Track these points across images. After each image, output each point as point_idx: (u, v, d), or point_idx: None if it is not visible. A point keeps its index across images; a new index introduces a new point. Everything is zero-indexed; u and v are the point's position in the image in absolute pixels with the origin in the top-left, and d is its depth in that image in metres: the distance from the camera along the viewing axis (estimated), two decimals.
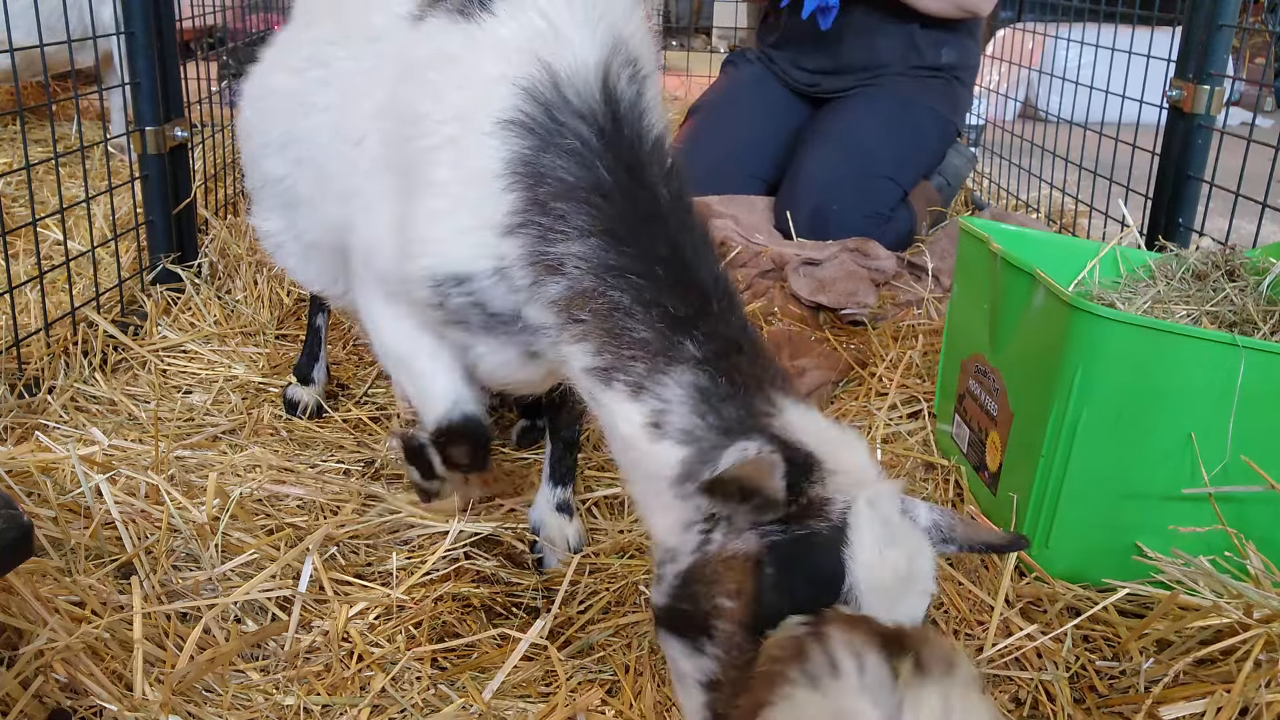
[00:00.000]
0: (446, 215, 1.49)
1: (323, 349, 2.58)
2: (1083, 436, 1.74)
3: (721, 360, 1.34)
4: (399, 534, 2.04)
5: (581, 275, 1.40)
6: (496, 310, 1.52)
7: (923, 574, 1.22)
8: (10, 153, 4.43)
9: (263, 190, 2.04)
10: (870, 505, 1.21)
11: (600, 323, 1.39)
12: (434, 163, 1.50)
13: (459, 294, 1.52)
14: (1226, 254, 2.09)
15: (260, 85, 2.04)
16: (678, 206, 1.45)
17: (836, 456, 1.26)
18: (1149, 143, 2.92)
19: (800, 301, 2.92)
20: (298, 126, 1.85)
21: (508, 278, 1.47)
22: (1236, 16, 2.66)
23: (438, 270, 1.51)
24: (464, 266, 1.49)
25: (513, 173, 1.42)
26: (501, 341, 1.57)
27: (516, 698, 1.59)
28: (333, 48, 1.80)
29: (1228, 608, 1.59)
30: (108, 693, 1.51)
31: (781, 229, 3.35)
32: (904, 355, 2.61)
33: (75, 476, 1.94)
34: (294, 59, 1.91)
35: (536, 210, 1.42)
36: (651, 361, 1.35)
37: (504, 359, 1.60)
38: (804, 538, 1.21)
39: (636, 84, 1.47)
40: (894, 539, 1.20)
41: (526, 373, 1.61)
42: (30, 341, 2.54)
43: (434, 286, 1.53)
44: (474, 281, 1.49)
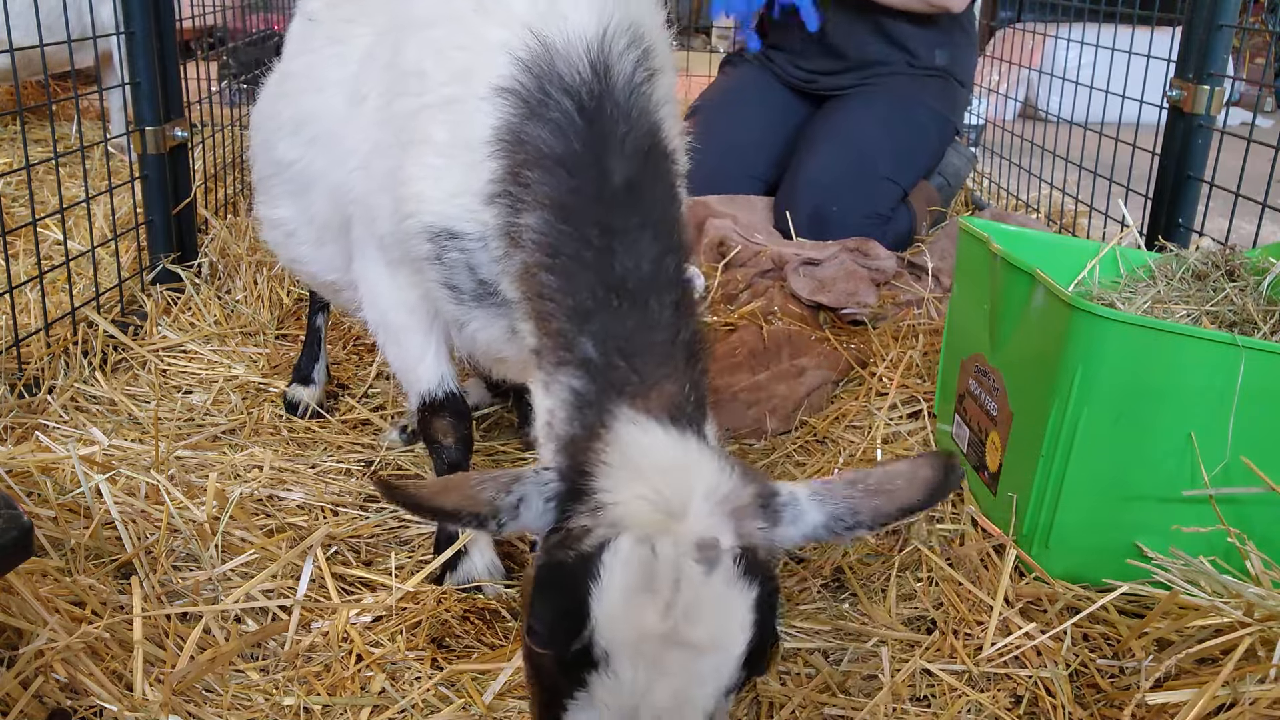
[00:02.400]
0: (443, 174, 1.53)
1: (323, 349, 2.58)
2: (1083, 436, 1.74)
3: (602, 363, 1.31)
4: (399, 534, 2.04)
5: (531, 249, 1.41)
6: (485, 277, 1.55)
7: (700, 636, 1.08)
8: (10, 153, 4.42)
9: (272, 179, 2.05)
10: (636, 544, 1.09)
11: (533, 305, 1.41)
12: (434, 121, 1.54)
13: (454, 249, 1.55)
14: (1226, 254, 2.09)
15: (278, 73, 2.08)
16: (637, 190, 1.39)
17: (634, 488, 1.15)
18: (1149, 143, 2.92)
19: (800, 301, 2.92)
20: (310, 103, 1.87)
21: (489, 247, 1.50)
22: (1236, 16, 2.66)
23: (434, 225, 1.55)
24: (456, 225, 1.53)
25: (499, 140, 1.45)
26: (491, 314, 1.59)
27: (517, 698, 1.59)
28: (350, 25, 1.83)
29: (1225, 607, 1.59)
30: (108, 693, 1.51)
31: (781, 229, 3.35)
32: (904, 355, 2.61)
33: (75, 476, 1.94)
34: (310, 42, 1.94)
35: (511, 180, 1.44)
36: (557, 356, 1.36)
37: (495, 333, 1.62)
38: (549, 566, 1.17)
39: (646, 71, 1.48)
40: (651, 587, 1.08)
41: (515, 349, 1.62)
42: (30, 341, 2.54)
43: (432, 239, 1.56)
44: (464, 240, 1.53)
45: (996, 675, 1.64)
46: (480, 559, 1.88)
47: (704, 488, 1.16)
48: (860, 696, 1.60)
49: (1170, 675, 1.57)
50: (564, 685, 1.14)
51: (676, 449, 1.22)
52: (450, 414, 1.83)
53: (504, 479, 1.20)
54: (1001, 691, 1.61)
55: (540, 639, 1.14)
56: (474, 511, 1.17)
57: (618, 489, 1.16)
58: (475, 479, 1.19)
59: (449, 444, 1.84)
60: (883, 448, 2.26)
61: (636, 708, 1.09)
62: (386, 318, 1.80)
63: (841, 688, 1.62)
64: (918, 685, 1.63)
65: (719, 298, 3.10)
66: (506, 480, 1.20)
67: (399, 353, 1.83)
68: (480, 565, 1.87)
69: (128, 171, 3.42)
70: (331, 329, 2.93)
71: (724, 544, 1.12)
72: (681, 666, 1.09)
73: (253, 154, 2.20)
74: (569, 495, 1.19)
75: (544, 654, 1.15)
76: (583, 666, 1.11)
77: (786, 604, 1.83)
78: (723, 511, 1.15)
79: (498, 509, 1.18)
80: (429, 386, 1.81)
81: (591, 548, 1.12)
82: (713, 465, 1.19)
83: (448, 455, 1.86)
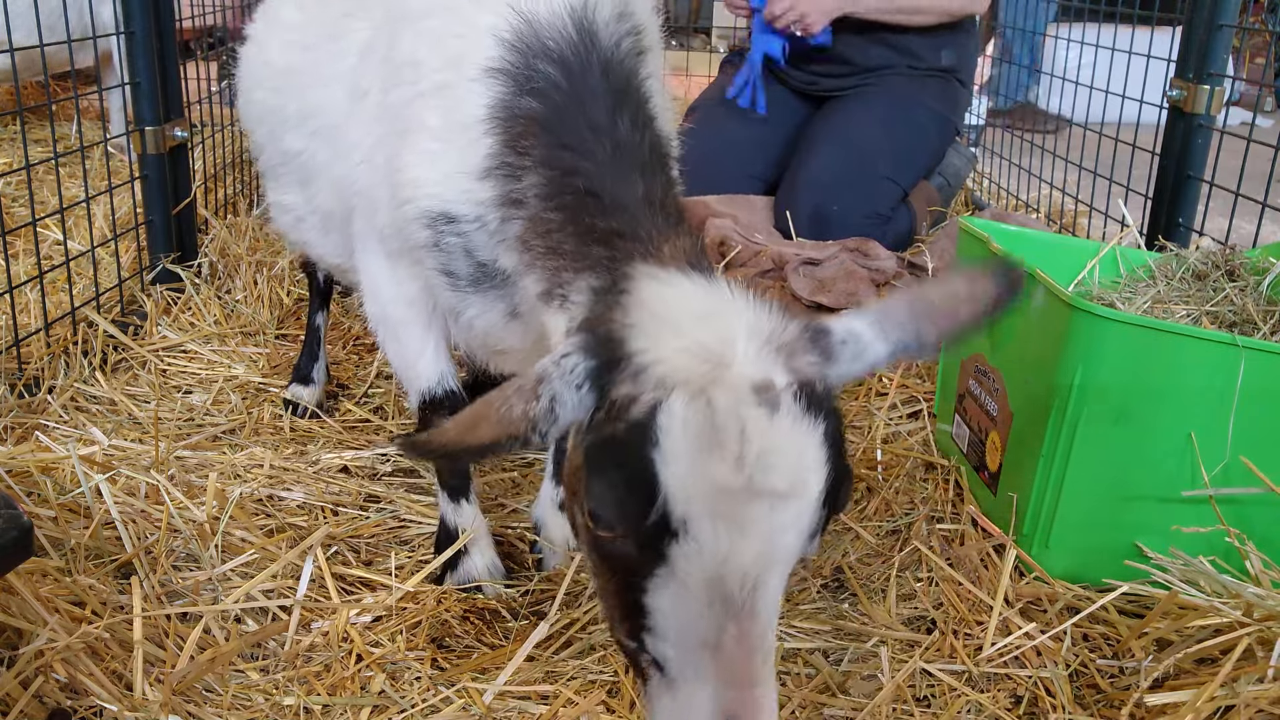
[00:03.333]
0: (438, 158, 1.54)
1: (322, 349, 2.58)
2: (1083, 436, 1.74)
3: (612, 255, 1.32)
4: (399, 534, 2.04)
5: (537, 205, 1.43)
6: (483, 259, 1.56)
7: (778, 483, 1.03)
8: (10, 153, 4.42)
9: (281, 167, 2.09)
10: (690, 400, 1.05)
11: (543, 245, 1.42)
12: (428, 107, 1.56)
13: (451, 233, 1.56)
14: (1226, 254, 2.09)
15: (267, 65, 2.08)
16: (629, 131, 1.42)
17: (672, 342, 1.10)
18: (1149, 143, 2.92)
19: (800, 301, 2.92)
20: (315, 98, 1.89)
21: (485, 224, 1.51)
22: (1236, 16, 2.66)
23: (431, 209, 1.56)
24: (452, 208, 1.54)
25: (492, 118, 1.47)
26: (489, 299, 1.60)
27: (517, 698, 1.59)
28: (349, 19, 1.85)
29: (1224, 608, 1.59)
30: (108, 693, 1.51)
31: (781, 229, 3.35)
32: None
33: (75, 476, 1.94)
34: (306, 36, 1.96)
35: (509, 152, 1.46)
36: (573, 270, 1.36)
37: (493, 318, 1.63)
38: (601, 444, 1.10)
39: (634, 43, 1.51)
40: (717, 441, 1.03)
41: (514, 335, 1.63)
42: (30, 341, 2.54)
43: (429, 225, 1.57)
44: (461, 224, 1.54)
45: (996, 675, 1.64)
46: (480, 558, 1.88)
47: (746, 328, 1.10)
48: (860, 696, 1.60)
49: (1170, 675, 1.58)
50: (641, 565, 1.09)
51: (707, 295, 1.16)
52: (450, 412, 1.82)
53: (527, 385, 1.12)
54: (1001, 691, 1.61)
55: (608, 521, 1.09)
56: (511, 434, 1.10)
57: (655, 347, 1.10)
58: (497, 400, 1.12)
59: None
60: (883, 448, 2.26)
61: (722, 573, 1.05)
62: (386, 311, 1.80)
63: (841, 688, 1.62)
64: (918, 685, 1.63)
65: None
66: (530, 385, 1.12)
67: (398, 348, 1.83)
68: (480, 565, 1.88)
69: (128, 171, 3.42)
70: (331, 329, 2.93)
71: (780, 383, 1.07)
72: (763, 519, 1.04)
73: (258, 145, 2.23)
74: (602, 370, 1.12)
75: (614, 538, 1.09)
76: (659, 541, 1.05)
77: (786, 604, 1.83)
78: (771, 350, 1.10)
79: (534, 419, 1.10)
80: (428, 384, 1.81)
81: (643, 414, 1.06)
82: (749, 305, 1.14)
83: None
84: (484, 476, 2.26)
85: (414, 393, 1.85)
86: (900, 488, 2.13)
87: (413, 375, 1.83)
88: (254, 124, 2.20)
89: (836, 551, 1.95)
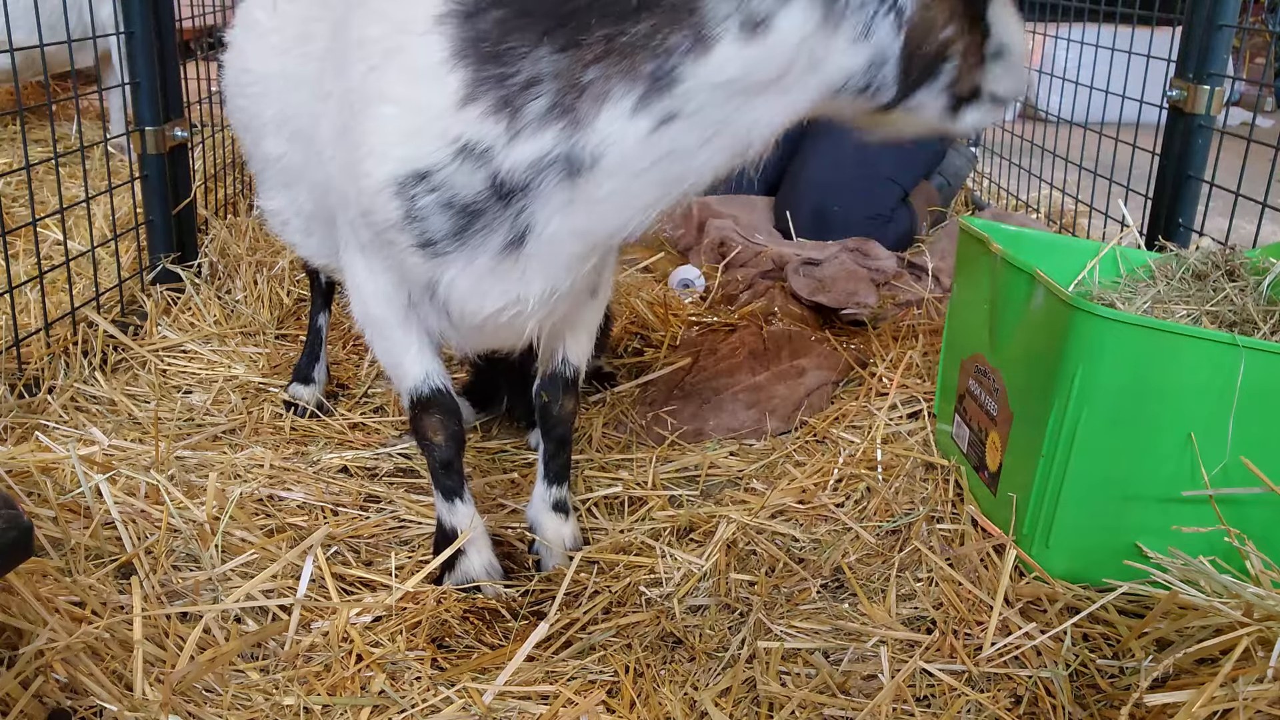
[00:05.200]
0: (394, 119, 1.52)
1: (323, 349, 2.58)
2: (1083, 436, 1.74)
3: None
4: (399, 534, 2.04)
5: (557, 65, 1.41)
6: (469, 199, 1.51)
7: None
8: (10, 153, 4.42)
9: (265, 171, 2.11)
10: None
11: (610, 66, 1.39)
12: (379, 79, 1.53)
13: (426, 193, 1.52)
14: (1226, 254, 2.09)
15: (248, 71, 2.09)
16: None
17: None
18: (1149, 143, 2.92)
19: (800, 301, 2.92)
20: (288, 103, 1.91)
21: (471, 152, 1.47)
22: (1236, 16, 2.65)
23: (398, 173, 1.52)
24: (421, 162, 1.50)
25: (458, 54, 1.45)
26: (476, 244, 1.55)
27: (517, 698, 1.59)
28: (315, 24, 1.85)
29: (1224, 608, 1.59)
30: (108, 693, 1.51)
31: (781, 229, 3.35)
32: (904, 355, 2.61)
33: (75, 476, 1.94)
34: (282, 39, 1.96)
35: (490, 65, 1.44)
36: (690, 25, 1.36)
37: (479, 270, 1.57)
38: None
39: None
40: None
41: (504, 286, 1.59)
42: (30, 341, 2.54)
43: (399, 194, 1.53)
44: (436, 174, 1.50)
45: (996, 675, 1.64)
46: (478, 559, 1.88)
47: None
48: (860, 696, 1.60)
49: (1170, 675, 1.58)
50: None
51: None
52: (439, 411, 1.83)
53: None
54: (1001, 691, 1.61)
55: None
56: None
57: None
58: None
59: (439, 442, 1.84)
60: (883, 448, 2.26)
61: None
62: (368, 309, 1.79)
63: (841, 688, 1.62)
64: (918, 685, 1.63)
65: (719, 298, 3.10)
66: None
67: (385, 347, 1.83)
68: (478, 565, 1.88)
69: (128, 171, 3.43)
70: (331, 329, 2.93)
71: None
72: None
73: (245, 151, 2.26)
74: None
75: None
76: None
77: (786, 604, 1.83)
78: None
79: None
80: (415, 382, 1.81)
81: None
82: None
83: (439, 454, 1.85)
84: (483, 477, 2.26)
85: (404, 393, 1.85)
86: (900, 488, 2.13)
87: (400, 374, 1.83)
88: (240, 131, 2.22)
89: (836, 551, 1.96)
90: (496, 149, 1.46)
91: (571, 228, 1.51)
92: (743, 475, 2.27)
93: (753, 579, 1.89)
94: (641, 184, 1.46)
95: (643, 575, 1.90)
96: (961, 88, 1.55)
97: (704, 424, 2.44)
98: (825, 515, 2.09)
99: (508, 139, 1.46)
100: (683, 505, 2.16)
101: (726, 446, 2.39)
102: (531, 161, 1.46)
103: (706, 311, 3.02)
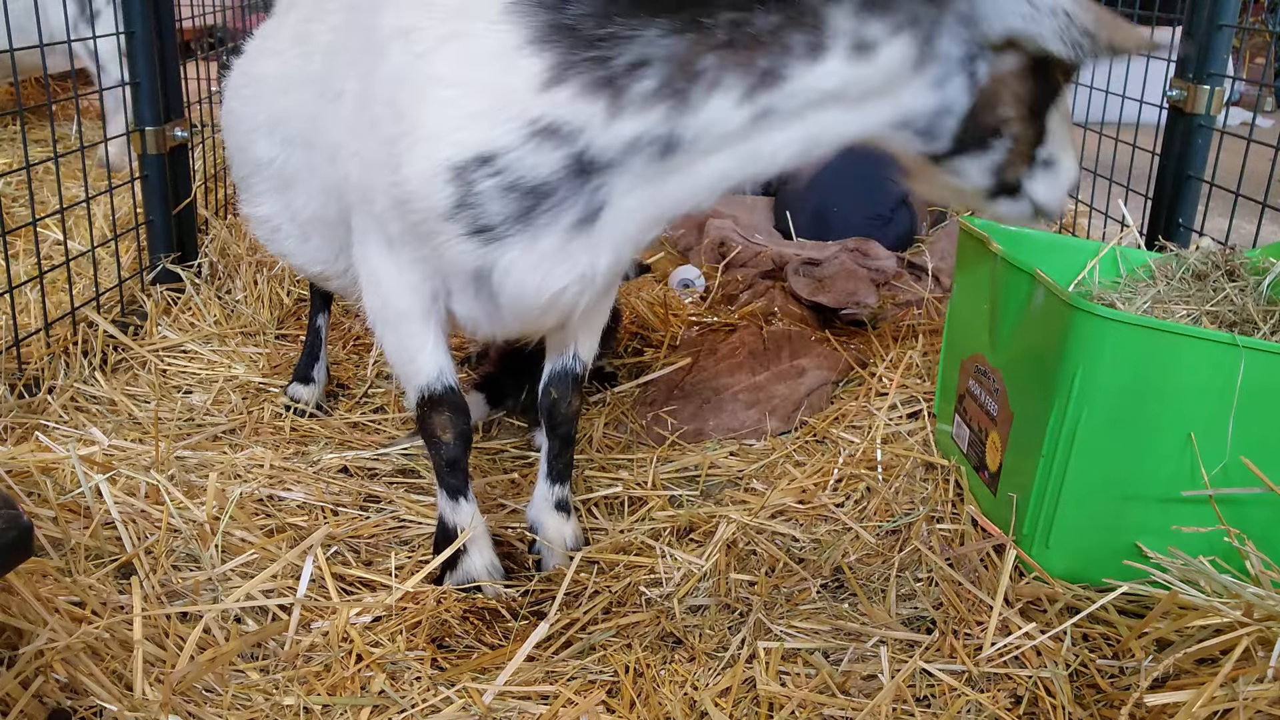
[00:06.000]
0: (453, 103, 1.51)
1: (323, 349, 2.58)
2: (1083, 437, 1.74)
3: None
4: (399, 534, 2.04)
5: (671, 48, 1.44)
6: (537, 181, 1.51)
7: None
8: (10, 153, 4.43)
9: (254, 176, 2.06)
10: None
11: (729, 55, 1.45)
12: (429, 64, 1.52)
13: (486, 177, 1.51)
14: (1226, 254, 2.09)
15: (244, 74, 2.08)
16: None
17: None
18: (1149, 143, 2.92)
19: (800, 301, 2.92)
20: (282, 105, 1.88)
21: (554, 133, 1.48)
22: (1236, 16, 2.65)
23: (456, 158, 1.51)
24: (487, 145, 1.49)
25: (541, 39, 1.46)
26: (543, 224, 1.55)
27: (517, 698, 1.59)
28: (311, 24, 1.84)
29: (1224, 608, 1.59)
30: (108, 693, 1.51)
31: (781, 229, 3.35)
32: (904, 355, 2.61)
33: (75, 476, 1.94)
34: (275, 43, 1.95)
35: (581, 48, 1.45)
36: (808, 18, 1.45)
37: (545, 250, 1.57)
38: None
39: None
40: None
41: (570, 264, 1.59)
42: (30, 341, 2.54)
43: (455, 180, 1.51)
44: (501, 157, 1.49)
45: (996, 675, 1.64)
46: (480, 558, 1.88)
47: None
48: (860, 696, 1.60)
49: (1170, 675, 1.58)
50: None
51: None
52: (449, 409, 1.82)
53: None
54: (1001, 692, 1.61)
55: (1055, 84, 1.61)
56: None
57: None
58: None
59: (448, 440, 1.84)
60: (883, 448, 2.26)
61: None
62: (387, 303, 1.77)
63: (841, 688, 1.62)
64: (918, 685, 1.63)
65: (719, 298, 3.10)
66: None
67: (398, 342, 1.81)
68: (480, 565, 1.88)
69: (128, 172, 3.43)
70: (331, 329, 2.93)
71: None
72: None
73: (229, 155, 2.21)
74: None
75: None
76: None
77: (786, 604, 1.83)
78: None
79: None
80: (428, 379, 1.80)
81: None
82: None
83: (446, 452, 1.85)
84: (483, 477, 2.26)
85: (412, 389, 1.83)
86: (900, 488, 2.13)
87: (412, 370, 1.81)
88: (227, 134, 2.18)
89: (836, 551, 1.96)
90: (590, 129, 1.48)
91: (647, 202, 1.58)
92: (743, 475, 2.27)
93: (753, 579, 1.89)
94: (721, 168, 1.56)
95: (643, 575, 1.90)
96: (1006, 175, 1.66)
97: (704, 424, 2.44)
98: (825, 515, 2.09)
99: (606, 119, 1.48)
100: (683, 505, 2.16)
101: (726, 446, 2.39)
102: (629, 141, 1.50)
103: (706, 311, 3.02)
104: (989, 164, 1.65)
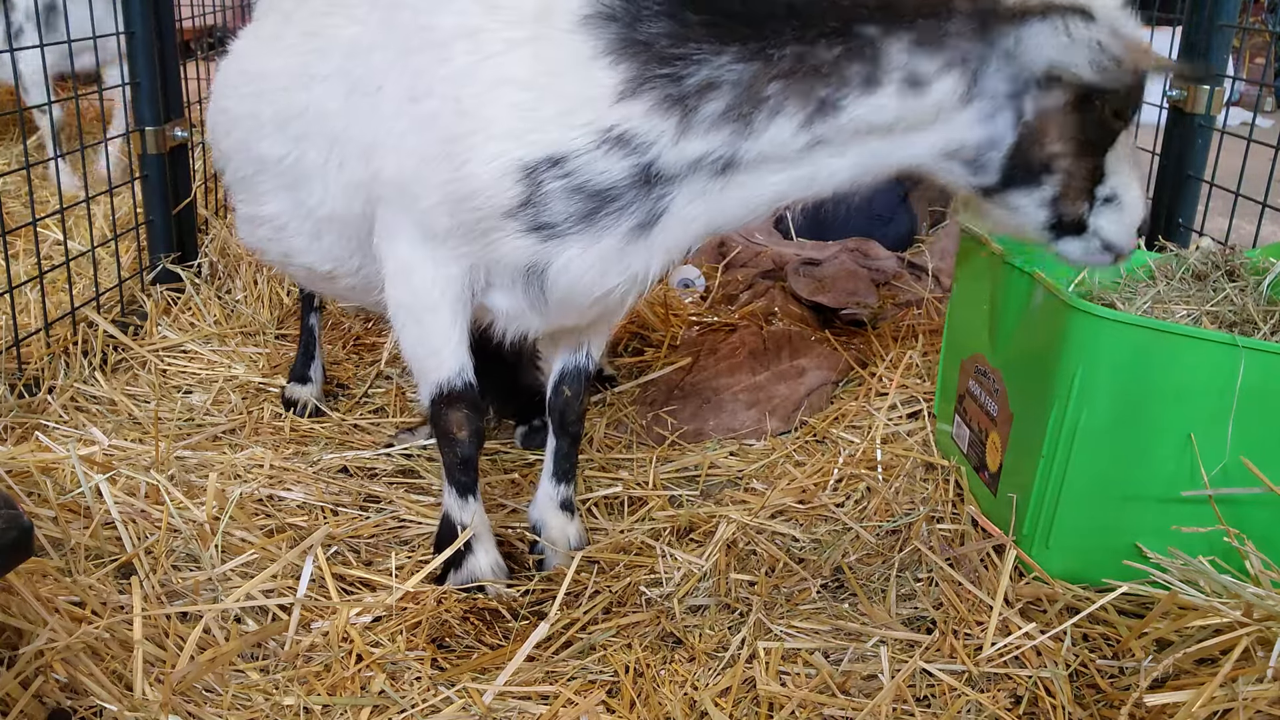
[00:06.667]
0: (531, 105, 1.56)
1: (318, 348, 2.57)
2: (1082, 437, 1.74)
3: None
4: (399, 534, 2.04)
5: (740, 74, 1.52)
6: (604, 185, 1.58)
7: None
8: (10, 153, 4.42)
9: (259, 174, 2.01)
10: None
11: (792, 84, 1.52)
12: (503, 66, 1.57)
13: (554, 178, 1.57)
14: (1226, 254, 2.09)
15: (241, 73, 2.05)
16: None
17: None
18: (1149, 143, 2.92)
19: (800, 301, 2.92)
20: (298, 101, 1.85)
21: (626, 143, 1.55)
22: (1236, 16, 2.66)
23: (528, 158, 1.56)
24: (559, 147, 1.56)
25: (616, 51, 1.52)
26: (605, 226, 1.61)
27: (517, 698, 1.59)
28: (325, 18, 1.84)
29: (1224, 608, 1.59)
30: (108, 693, 1.51)
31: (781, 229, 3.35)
32: (904, 355, 2.61)
33: (75, 476, 1.94)
34: (280, 40, 1.93)
35: (655, 65, 1.52)
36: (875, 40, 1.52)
37: (604, 250, 1.63)
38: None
39: None
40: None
41: (625, 264, 1.65)
42: (30, 341, 2.54)
43: (525, 178, 1.57)
44: (572, 160, 1.56)
45: (996, 675, 1.64)
46: (485, 557, 1.88)
47: None
48: (860, 696, 1.60)
49: (1170, 675, 1.58)
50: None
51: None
52: (467, 406, 1.82)
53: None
54: (1001, 692, 1.61)
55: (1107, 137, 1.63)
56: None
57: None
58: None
59: (463, 437, 1.83)
60: (883, 448, 2.26)
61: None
62: (416, 295, 1.76)
63: (841, 688, 1.62)
64: (918, 685, 1.63)
65: (719, 298, 3.10)
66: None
67: (421, 334, 1.80)
68: (485, 564, 1.87)
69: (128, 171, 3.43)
70: (331, 329, 2.94)
71: None
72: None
73: (224, 156, 2.15)
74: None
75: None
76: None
77: (786, 604, 1.83)
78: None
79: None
80: (448, 374, 1.80)
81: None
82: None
83: (461, 449, 1.84)
84: (483, 477, 2.26)
85: (430, 384, 1.81)
86: (900, 488, 2.13)
87: (433, 364, 1.80)
88: (221, 134, 2.13)
89: (836, 551, 1.96)
90: (660, 143, 1.55)
91: (703, 214, 1.65)
92: (743, 475, 2.27)
93: (753, 579, 1.89)
94: (778, 189, 1.64)
95: (643, 575, 1.90)
96: (1065, 211, 1.67)
97: (704, 424, 2.44)
98: (825, 515, 2.09)
99: (676, 135, 1.54)
100: (683, 505, 2.16)
101: (726, 446, 2.39)
102: (695, 159, 1.57)
103: (706, 311, 3.02)
104: (1040, 199, 1.66)
